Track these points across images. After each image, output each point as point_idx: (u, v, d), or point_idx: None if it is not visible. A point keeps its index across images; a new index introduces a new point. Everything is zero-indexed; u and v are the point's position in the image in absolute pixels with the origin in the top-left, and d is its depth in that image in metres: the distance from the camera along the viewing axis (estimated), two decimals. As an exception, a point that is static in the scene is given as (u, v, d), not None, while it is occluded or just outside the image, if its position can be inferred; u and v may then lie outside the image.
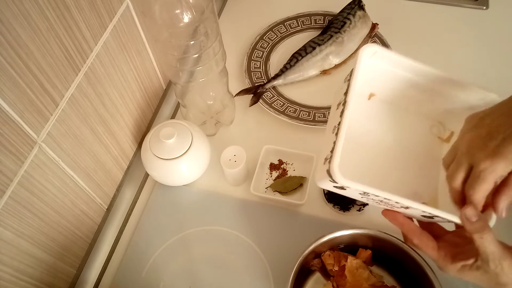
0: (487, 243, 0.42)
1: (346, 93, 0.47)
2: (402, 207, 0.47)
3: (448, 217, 0.45)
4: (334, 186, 0.46)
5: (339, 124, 0.46)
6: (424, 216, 0.49)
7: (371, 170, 0.54)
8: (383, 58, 0.50)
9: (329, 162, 0.44)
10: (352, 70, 0.48)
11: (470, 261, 0.44)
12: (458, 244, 0.47)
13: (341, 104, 0.47)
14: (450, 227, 0.51)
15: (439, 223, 0.51)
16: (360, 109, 0.55)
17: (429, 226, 0.51)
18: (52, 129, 0.55)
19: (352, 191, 0.46)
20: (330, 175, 0.44)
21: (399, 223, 0.50)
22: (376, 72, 0.52)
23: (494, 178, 0.42)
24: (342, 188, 0.46)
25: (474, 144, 0.43)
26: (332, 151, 0.45)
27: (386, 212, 0.50)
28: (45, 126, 0.54)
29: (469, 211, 0.43)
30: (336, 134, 0.45)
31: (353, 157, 0.52)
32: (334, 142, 0.45)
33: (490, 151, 0.41)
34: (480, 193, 0.43)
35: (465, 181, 0.44)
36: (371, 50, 0.49)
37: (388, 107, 0.56)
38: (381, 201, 0.47)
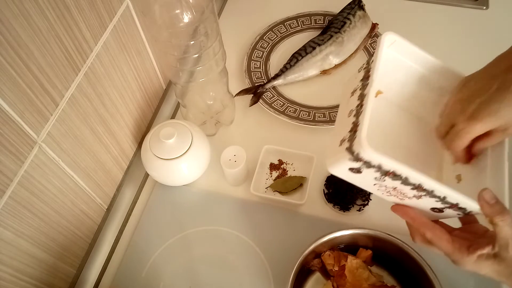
0: (507, 227, 0.42)
1: (363, 79, 0.47)
2: (415, 196, 0.46)
3: (469, 203, 0.44)
4: (349, 169, 0.45)
5: (357, 106, 0.45)
6: (434, 209, 0.48)
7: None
8: (400, 49, 0.50)
9: (349, 140, 0.43)
10: (368, 59, 0.48)
11: (487, 249, 0.44)
12: (469, 238, 0.47)
13: (358, 89, 0.47)
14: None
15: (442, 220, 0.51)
16: (376, 103, 0.54)
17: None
18: (52, 129, 0.55)
19: (369, 174, 0.44)
20: (351, 152, 0.42)
21: (410, 218, 0.49)
22: (389, 66, 0.51)
23: (470, 138, 0.46)
24: (358, 170, 0.44)
25: (456, 106, 0.48)
26: (351, 131, 0.44)
27: (396, 207, 0.49)
28: (45, 126, 0.54)
29: (487, 194, 0.43)
30: (355, 115, 0.45)
31: (373, 142, 0.50)
32: (354, 123, 0.44)
33: (468, 114, 0.45)
34: (458, 148, 0.48)
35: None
36: (391, 39, 0.49)
37: (394, 108, 0.56)
38: (395, 188, 0.46)
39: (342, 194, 0.70)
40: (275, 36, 0.91)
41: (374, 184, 0.47)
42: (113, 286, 0.66)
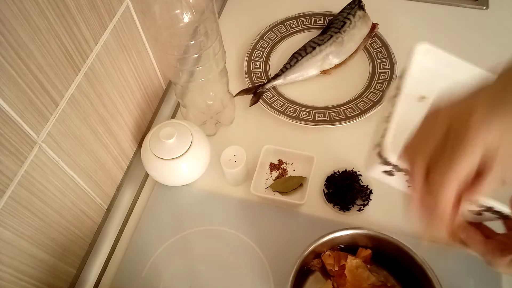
0: None
1: (398, 87, 0.48)
2: None
3: (502, 208, 0.44)
4: (383, 171, 0.47)
5: (390, 112, 0.47)
6: (472, 212, 0.47)
7: None
8: (436, 58, 0.50)
9: (379, 145, 0.45)
10: (403, 68, 0.49)
11: None
12: (507, 243, 0.45)
13: (393, 96, 0.48)
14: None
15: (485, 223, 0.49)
16: (412, 109, 0.53)
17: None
18: (52, 129, 0.55)
19: (402, 177, 0.46)
20: (380, 156, 0.44)
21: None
22: (427, 74, 0.51)
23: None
24: (391, 173, 0.46)
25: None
26: (382, 136, 0.45)
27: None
28: (45, 126, 0.54)
29: None
30: (386, 121, 0.46)
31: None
32: (384, 128, 0.46)
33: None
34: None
35: None
36: (424, 48, 0.49)
37: None
38: None
39: (342, 194, 0.70)
40: (275, 36, 0.92)
41: (409, 187, 0.47)
42: (113, 286, 0.66)
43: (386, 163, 0.44)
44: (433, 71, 0.51)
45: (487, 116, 0.37)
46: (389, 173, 0.46)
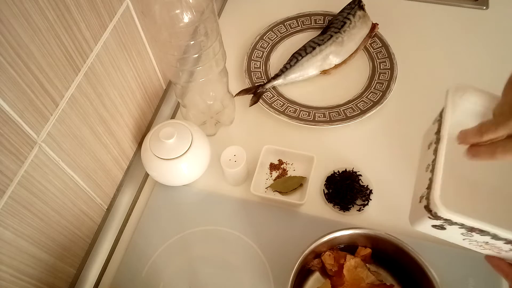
0: None
1: (438, 132, 0.45)
2: (511, 250, 0.43)
3: None
4: (432, 226, 0.44)
5: (433, 161, 0.44)
6: None
7: (474, 211, 0.46)
8: (473, 98, 0.47)
9: (427, 198, 0.42)
10: (441, 110, 0.47)
11: None
12: None
13: (433, 143, 0.46)
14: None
15: None
16: (455, 152, 0.49)
17: None
18: (52, 129, 0.55)
19: (454, 230, 0.42)
20: (429, 210, 0.41)
21: (503, 273, 0.47)
22: (463, 115, 0.47)
23: None
24: (442, 227, 0.43)
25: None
26: (428, 188, 0.43)
27: (490, 259, 0.48)
28: (45, 126, 0.54)
29: None
30: (431, 171, 0.43)
31: (454, 198, 0.47)
32: (430, 179, 0.43)
33: None
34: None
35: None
36: (462, 89, 0.46)
37: None
38: (487, 242, 0.43)
39: (342, 194, 0.70)
40: (275, 36, 0.92)
41: (464, 239, 0.45)
42: (113, 286, 0.66)
43: (437, 217, 0.41)
44: (474, 113, 0.48)
45: None
46: (440, 227, 0.43)
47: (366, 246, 0.61)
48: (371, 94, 0.81)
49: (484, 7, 0.94)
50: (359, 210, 0.70)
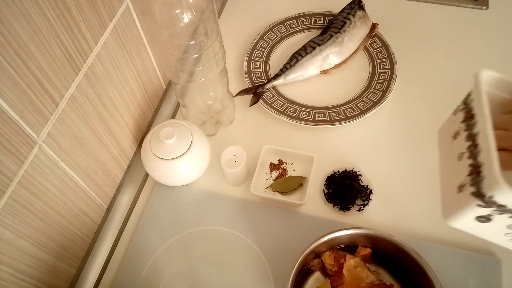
0: None
1: (466, 119, 0.43)
2: None
3: None
4: (477, 218, 0.40)
5: (469, 147, 0.41)
6: None
7: None
8: (502, 87, 0.44)
9: (473, 184, 0.39)
10: (465, 99, 0.45)
11: None
12: None
13: (462, 131, 0.43)
14: None
15: None
16: None
17: None
18: (52, 129, 0.55)
19: (501, 221, 0.39)
20: (481, 196, 0.38)
21: None
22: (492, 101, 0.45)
23: None
24: (488, 218, 0.39)
25: None
26: (471, 174, 0.39)
27: None
28: (45, 126, 0.54)
29: None
30: (470, 157, 0.41)
31: None
32: (472, 165, 0.40)
33: None
34: None
35: None
36: (491, 76, 0.43)
37: None
38: None
39: (342, 194, 0.70)
40: (275, 36, 0.92)
41: (506, 234, 0.42)
42: (113, 286, 0.66)
43: (490, 203, 0.37)
44: (499, 100, 0.45)
45: None
46: (486, 218, 0.40)
47: (366, 246, 0.61)
48: (371, 94, 0.81)
49: (484, 7, 0.94)
50: (359, 210, 0.70)
